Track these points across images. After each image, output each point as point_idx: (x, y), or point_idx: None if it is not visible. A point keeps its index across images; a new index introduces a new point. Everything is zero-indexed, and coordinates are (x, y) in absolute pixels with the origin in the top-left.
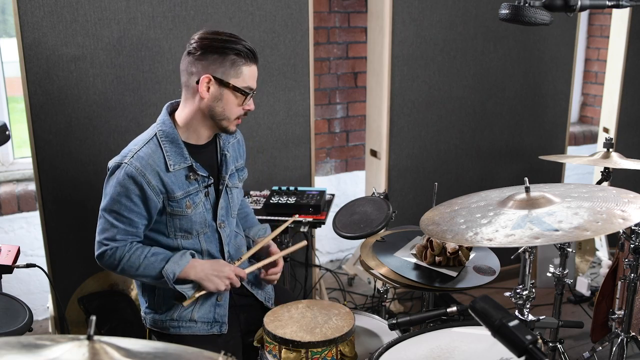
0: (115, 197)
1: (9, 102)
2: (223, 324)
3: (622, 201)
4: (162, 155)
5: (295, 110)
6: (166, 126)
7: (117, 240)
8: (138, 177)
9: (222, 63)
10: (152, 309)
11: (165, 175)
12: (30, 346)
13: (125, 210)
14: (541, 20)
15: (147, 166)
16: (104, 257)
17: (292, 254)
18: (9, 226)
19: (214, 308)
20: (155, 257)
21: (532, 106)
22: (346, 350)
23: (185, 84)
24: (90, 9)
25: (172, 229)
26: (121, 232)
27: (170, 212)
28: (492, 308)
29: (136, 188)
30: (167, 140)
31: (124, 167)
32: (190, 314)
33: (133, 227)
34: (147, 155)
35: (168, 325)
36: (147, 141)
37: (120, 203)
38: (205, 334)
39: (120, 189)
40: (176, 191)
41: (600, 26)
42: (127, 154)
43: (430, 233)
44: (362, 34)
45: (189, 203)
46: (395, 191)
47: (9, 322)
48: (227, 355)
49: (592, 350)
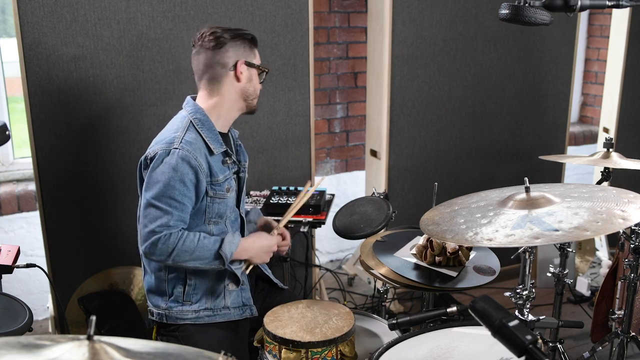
0: (169, 182)
1: (9, 102)
2: (252, 307)
3: (622, 201)
4: (203, 140)
5: (295, 110)
6: (200, 114)
7: (170, 226)
8: (192, 160)
9: (245, 48)
10: (179, 302)
11: (210, 159)
12: (30, 346)
13: (179, 195)
14: (541, 20)
15: (197, 150)
16: (157, 245)
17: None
18: (9, 226)
19: (240, 292)
20: (207, 240)
21: (532, 106)
22: (346, 350)
23: (213, 76)
24: (90, 9)
25: (209, 214)
26: (175, 218)
27: (212, 195)
28: (492, 308)
29: (191, 171)
30: (204, 127)
31: (176, 152)
32: (224, 302)
33: (185, 212)
34: (193, 140)
35: (202, 315)
36: (186, 128)
37: (175, 188)
38: (239, 318)
39: (174, 173)
40: (219, 174)
41: (600, 26)
42: (174, 140)
43: (430, 233)
44: (362, 34)
45: (228, 187)
46: (395, 191)
47: (9, 322)
48: (227, 355)
49: (592, 350)
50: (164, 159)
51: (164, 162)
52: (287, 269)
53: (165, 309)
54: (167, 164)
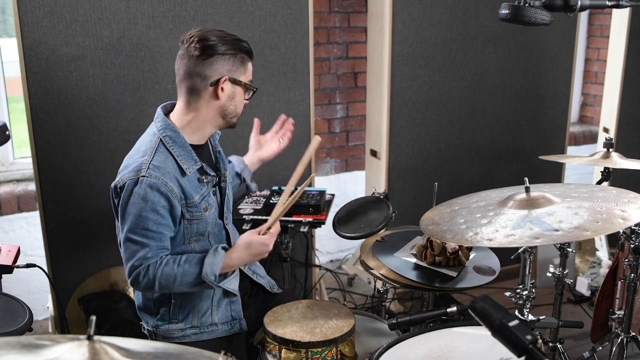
0: (141, 213)
1: (9, 102)
2: (241, 320)
3: (622, 201)
4: (175, 161)
5: (295, 110)
6: (171, 131)
7: (148, 258)
8: (162, 186)
9: (234, 62)
10: (165, 320)
11: (182, 181)
12: (30, 346)
13: (154, 225)
14: (541, 20)
15: (166, 174)
16: (139, 279)
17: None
18: (9, 226)
19: (229, 306)
20: (188, 263)
21: (532, 106)
22: (346, 350)
23: (191, 87)
24: (90, 9)
25: (188, 234)
26: (153, 249)
27: (189, 217)
28: (492, 308)
29: (162, 199)
30: (175, 144)
31: (144, 180)
32: (211, 318)
33: (163, 240)
34: (162, 163)
35: (189, 334)
36: (154, 149)
37: (148, 218)
38: (227, 334)
39: (145, 203)
40: (194, 195)
41: (600, 26)
42: (141, 167)
43: (430, 233)
44: (362, 34)
45: (205, 205)
46: (395, 191)
47: (9, 322)
48: (227, 355)
49: (592, 350)
50: (133, 189)
51: (133, 193)
52: (287, 269)
53: (153, 326)
54: (136, 194)
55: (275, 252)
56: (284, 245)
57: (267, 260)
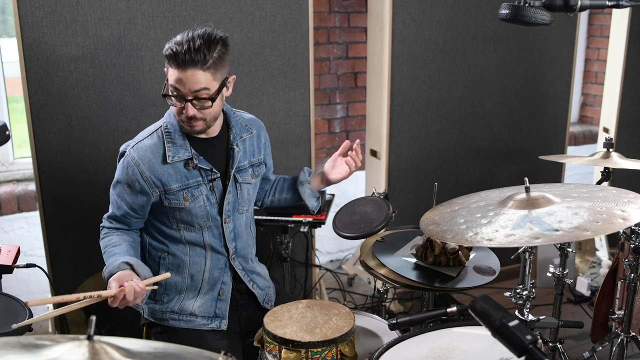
0: (117, 179)
1: (9, 102)
2: (223, 319)
3: (622, 201)
4: (163, 147)
5: (295, 110)
6: (171, 126)
7: (105, 219)
8: (133, 167)
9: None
10: (152, 299)
11: (161, 167)
12: (30, 346)
13: (119, 193)
14: (541, 20)
15: (143, 157)
16: (100, 233)
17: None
18: (9, 226)
19: (215, 302)
20: (107, 254)
21: (532, 106)
22: (346, 350)
23: None
24: (90, 9)
25: (173, 220)
26: (109, 213)
27: (168, 205)
28: (492, 308)
29: (131, 177)
30: (170, 136)
31: (128, 155)
32: (192, 307)
33: (118, 211)
34: (147, 146)
35: (168, 317)
36: (152, 132)
37: (116, 186)
38: (203, 328)
39: (119, 174)
40: (172, 183)
41: (600, 26)
42: (131, 143)
43: (430, 233)
44: (362, 34)
45: (186, 195)
46: (395, 191)
47: (9, 322)
48: (227, 355)
49: (592, 350)
50: (121, 158)
51: (120, 161)
52: (287, 269)
53: (146, 303)
54: (120, 163)
55: (276, 252)
56: (284, 245)
57: (267, 261)
